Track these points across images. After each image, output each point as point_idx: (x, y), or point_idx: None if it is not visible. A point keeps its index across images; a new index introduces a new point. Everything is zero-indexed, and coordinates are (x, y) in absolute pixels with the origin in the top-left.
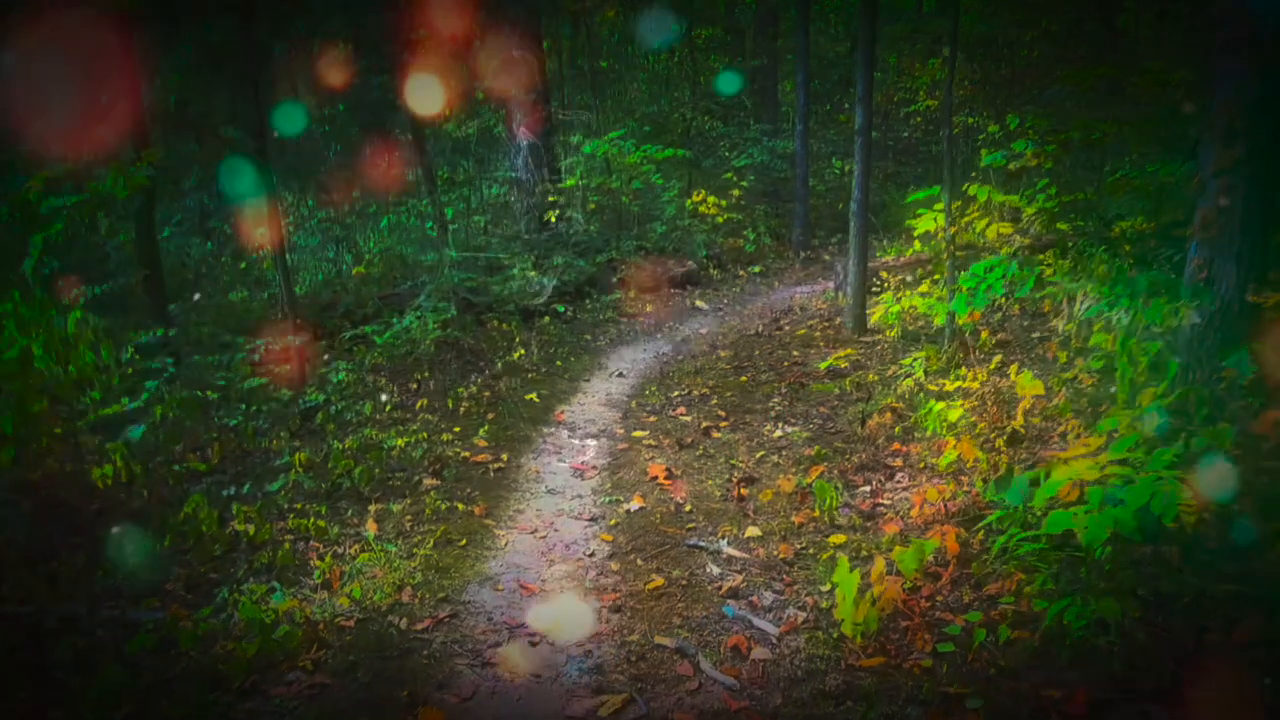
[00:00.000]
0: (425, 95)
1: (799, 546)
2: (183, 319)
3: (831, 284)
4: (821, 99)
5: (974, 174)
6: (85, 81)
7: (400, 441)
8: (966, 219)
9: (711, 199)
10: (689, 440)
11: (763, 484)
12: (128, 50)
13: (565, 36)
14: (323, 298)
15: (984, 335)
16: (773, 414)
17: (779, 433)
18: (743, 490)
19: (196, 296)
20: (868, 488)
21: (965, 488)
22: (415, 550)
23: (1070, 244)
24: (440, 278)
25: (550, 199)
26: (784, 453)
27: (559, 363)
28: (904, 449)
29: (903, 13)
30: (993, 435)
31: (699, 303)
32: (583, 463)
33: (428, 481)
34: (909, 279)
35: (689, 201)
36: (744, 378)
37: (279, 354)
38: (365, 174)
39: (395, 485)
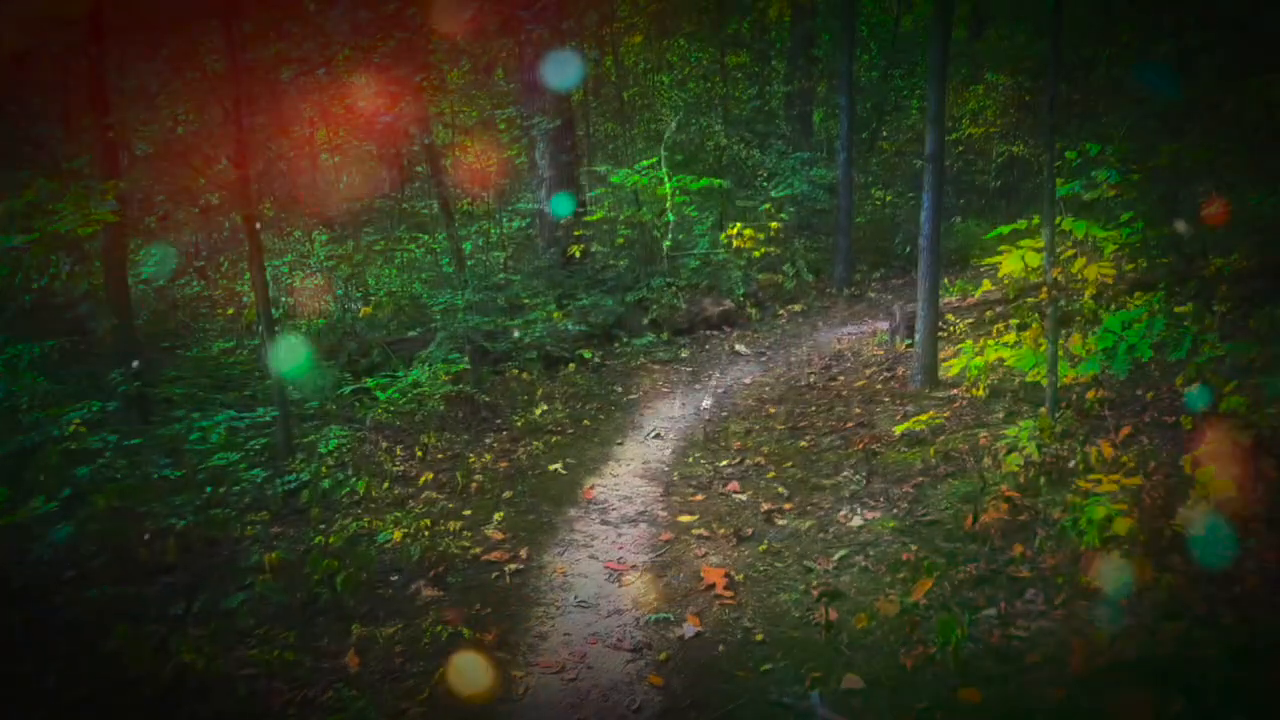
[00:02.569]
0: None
1: (920, 707)
2: (144, 379)
3: (886, 325)
4: (857, 127)
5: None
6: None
7: (397, 534)
8: (1064, 255)
9: (748, 231)
10: (748, 530)
11: (852, 600)
12: (95, 67)
13: (591, 63)
14: (324, 344)
15: (1090, 396)
16: (845, 493)
17: (858, 519)
18: (831, 613)
19: (135, 364)
20: (993, 610)
21: (1134, 617)
22: (403, 705)
23: (1163, 284)
24: (453, 322)
25: (575, 233)
26: (870, 551)
27: (586, 421)
28: (1028, 553)
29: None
30: (1151, 540)
31: (739, 346)
32: (619, 560)
33: (427, 592)
34: (979, 322)
35: (723, 235)
36: (803, 442)
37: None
38: (378, 206)
39: (387, 596)
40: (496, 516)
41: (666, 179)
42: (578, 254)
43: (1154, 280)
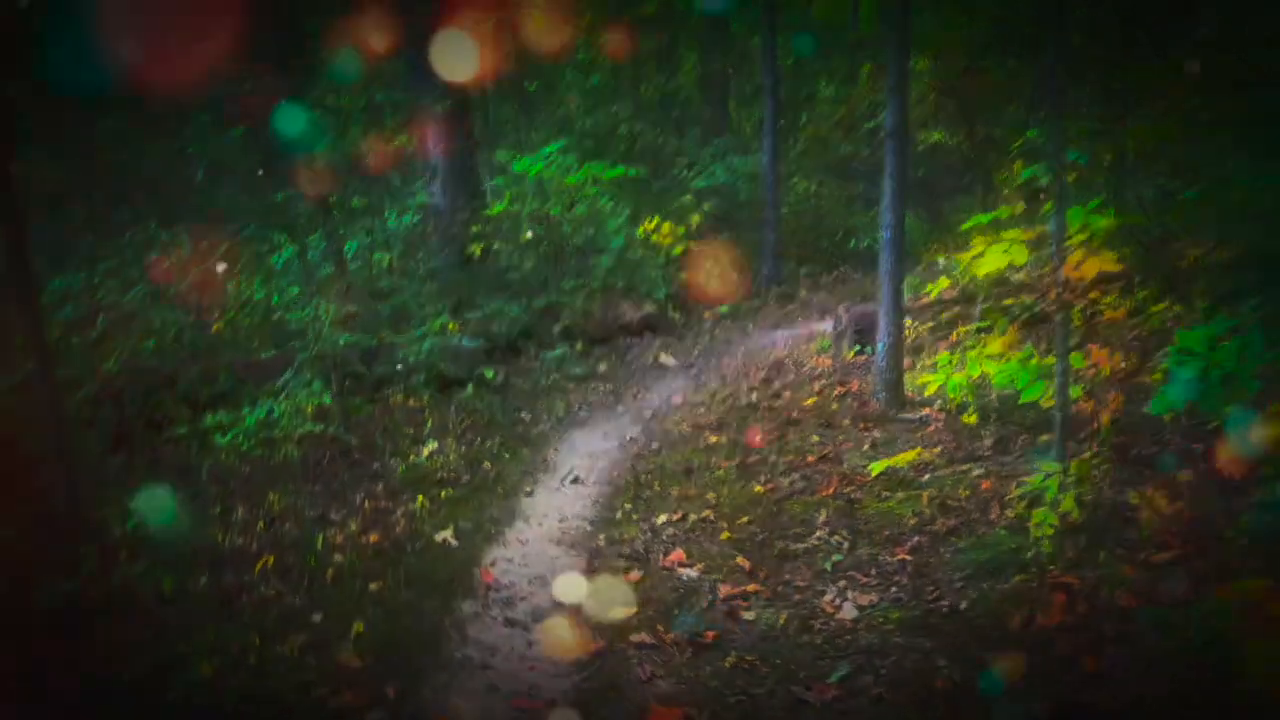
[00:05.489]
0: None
1: None
2: None
3: (824, 327)
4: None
5: (1005, 192)
6: None
7: (208, 667)
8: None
9: (666, 226)
10: (707, 634)
11: None
12: None
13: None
14: (162, 369)
15: (1105, 419)
16: (825, 564)
17: (850, 608)
18: None
19: None
20: None
21: None
22: None
23: (1139, 277)
24: (318, 341)
25: (473, 229)
26: (879, 665)
27: (487, 463)
28: (1105, 667)
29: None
30: None
31: (664, 357)
32: (530, 693)
33: None
34: (939, 325)
35: (640, 230)
36: (758, 485)
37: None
38: (241, 201)
39: None
40: (356, 628)
41: (576, 167)
42: (477, 253)
43: (1128, 274)
